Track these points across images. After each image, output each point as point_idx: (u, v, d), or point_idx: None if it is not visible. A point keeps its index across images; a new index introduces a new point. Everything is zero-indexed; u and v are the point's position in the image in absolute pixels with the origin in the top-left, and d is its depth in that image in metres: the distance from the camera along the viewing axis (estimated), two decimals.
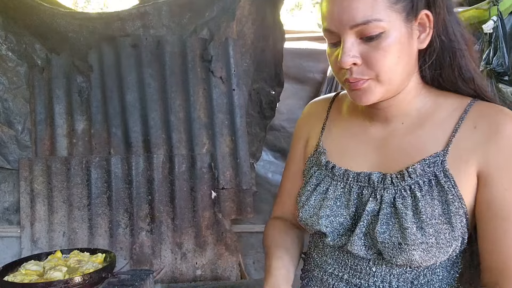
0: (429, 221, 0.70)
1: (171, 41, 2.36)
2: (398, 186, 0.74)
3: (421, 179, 0.72)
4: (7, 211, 2.48)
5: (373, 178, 0.77)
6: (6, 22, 2.36)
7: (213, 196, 2.39)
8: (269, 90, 2.51)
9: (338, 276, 0.81)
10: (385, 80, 0.71)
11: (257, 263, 2.68)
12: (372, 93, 0.72)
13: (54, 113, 2.43)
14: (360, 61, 0.70)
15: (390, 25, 0.68)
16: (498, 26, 2.13)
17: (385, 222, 0.73)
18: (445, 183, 0.71)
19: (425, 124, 0.76)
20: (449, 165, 0.72)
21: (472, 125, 0.72)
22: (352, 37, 0.69)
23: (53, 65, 2.42)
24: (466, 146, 0.72)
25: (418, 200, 0.71)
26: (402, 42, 0.69)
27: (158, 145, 2.40)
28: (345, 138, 0.86)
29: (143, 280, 1.67)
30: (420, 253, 0.70)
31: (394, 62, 0.69)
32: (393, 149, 0.78)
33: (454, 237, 0.70)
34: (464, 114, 0.73)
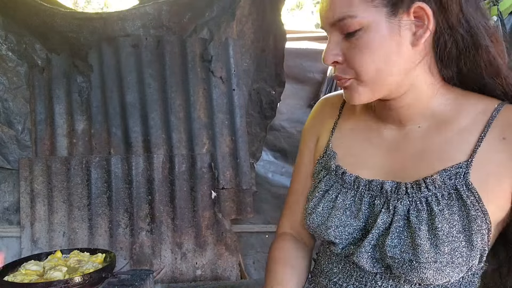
0: (446, 238, 0.62)
1: (171, 41, 2.36)
2: (413, 197, 0.66)
3: (439, 191, 0.65)
4: (7, 211, 2.48)
5: (386, 187, 0.70)
6: (6, 22, 2.36)
7: (213, 196, 2.39)
8: (270, 90, 2.50)
9: (342, 286, 0.76)
10: (366, 80, 0.66)
11: (257, 263, 2.68)
12: (358, 93, 0.68)
13: (54, 113, 2.43)
14: (341, 59, 0.67)
15: (368, 21, 0.62)
16: (498, 26, 2.13)
17: (397, 236, 0.66)
18: (468, 198, 0.63)
19: (446, 129, 0.68)
20: (473, 178, 0.64)
21: (501, 135, 0.64)
22: (335, 35, 0.66)
23: (53, 65, 2.42)
24: (494, 158, 0.64)
25: (435, 215, 0.64)
26: (383, 40, 0.63)
27: (158, 145, 2.40)
28: (357, 140, 0.79)
29: (143, 280, 1.67)
30: (433, 272, 0.63)
31: (373, 61, 0.64)
32: (409, 155, 0.71)
33: (472, 256, 0.63)
34: (491, 120, 0.65)
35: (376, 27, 0.62)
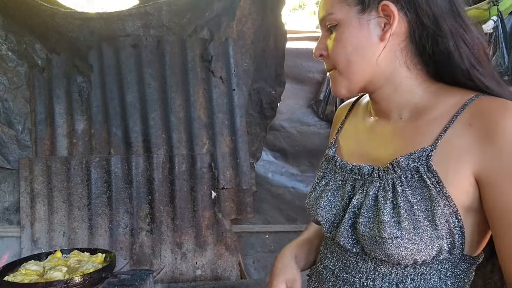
0: (407, 216, 0.67)
1: (171, 41, 2.36)
2: (383, 179, 0.72)
3: (403, 173, 0.70)
4: (7, 211, 2.48)
5: (364, 170, 0.76)
6: (6, 22, 2.36)
7: (213, 196, 2.39)
8: (270, 90, 2.50)
9: (331, 270, 0.81)
10: (342, 70, 0.75)
11: (257, 263, 2.68)
12: (338, 85, 0.77)
13: (54, 113, 2.43)
14: (325, 53, 0.76)
15: (342, 17, 0.72)
16: (498, 26, 2.13)
17: (367, 215, 0.72)
18: (429, 179, 0.67)
19: (421, 119, 0.73)
20: (436, 162, 0.68)
21: (467, 122, 0.67)
22: (324, 31, 0.77)
23: (53, 65, 2.42)
24: (458, 144, 0.67)
25: (398, 194, 0.69)
26: (353, 34, 0.72)
27: (158, 145, 2.40)
28: (354, 134, 0.88)
29: (143, 280, 1.67)
30: (395, 248, 0.67)
31: (346, 52, 0.73)
32: (386, 142, 0.78)
33: (437, 236, 0.66)
34: (461, 109, 0.68)
35: (348, 22, 0.72)
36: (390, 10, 0.69)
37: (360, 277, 0.75)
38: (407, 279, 0.71)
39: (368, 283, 0.74)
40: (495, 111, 0.65)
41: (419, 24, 0.70)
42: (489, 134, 0.64)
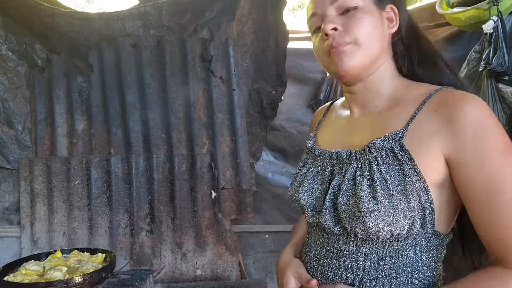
0: (383, 191, 0.74)
1: (171, 41, 2.36)
2: (360, 161, 0.81)
3: (379, 153, 0.78)
4: (7, 211, 2.48)
5: (342, 155, 0.85)
6: (6, 22, 2.36)
7: (213, 196, 2.39)
8: (270, 90, 2.50)
9: (317, 258, 0.86)
10: (362, 42, 0.81)
11: (257, 263, 2.68)
12: (353, 57, 0.81)
13: (54, 113, 2.43)
14: (340, 28, 0.82)
15: (363, 3, 0.82)
16: (498, 26, 2.13)
17: (346, 193, 0.79)
18: (402, 157, 0.76)
19: (394, 108, 0.84)
20: (407, 142, 0.77)
21: (434, 108, 0.77)
22: (332, 12, 0.83)
23: (53, 65, 2.42)
24: (427, 127, 0.76)
25: (374, 172, 0.77)
26: (373, 17, 0.82)
27: (158, 145, 2.40)
28: (332, 127, 0.98)
29: (143, 280, 1.67)
30: (373, 221, 0.73)
31: (369, 30, 0.82)
32: (362, 129, 0.86)
33: (410, 208, 0.73)
34: (428, 98, 0.79)
35: (368, 9, 0.82)
36: (395, 12, 0.86)
37: (344, 259, 0.81)
38: (387, 257, 0.77)
39: (352, 264, 0.80)
40: (457, 99, 0.75)
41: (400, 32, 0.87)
42: (453, 118, 0.74)
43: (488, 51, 2.16)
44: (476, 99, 0.75)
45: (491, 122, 0.73)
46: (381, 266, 0.77)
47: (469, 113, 0.73)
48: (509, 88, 2.14)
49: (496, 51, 2.14)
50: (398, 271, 0.77)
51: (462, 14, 2.32)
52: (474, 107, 0.73)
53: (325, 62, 0.87)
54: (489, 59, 2.15)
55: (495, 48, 2.14)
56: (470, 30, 2.47)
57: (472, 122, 0.72)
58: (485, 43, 2.20)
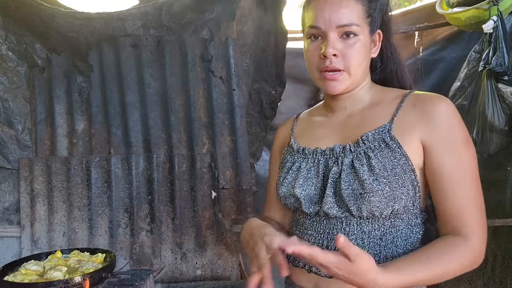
0: (382, 173, 0.88)
1: (171, 41, 2.36)
2: (355, 152, 0.93)
3: (372, 143, 0.92)
4: (7, 211, 2.48)
5: (336, 149, 0.97)
6: (6, 22, 2.36)
7: (213, 196, 2.39)
8: (270, 90, 2.50)
9: (318, 244, 0.94)
10: (353, 73, 0.95)
11: None
12: (343, 84, 0.95)
13: (54, 113, 2.43)
14: (338, 54, 0.93)
15: (362, 32, 0.94)
16: (498, 26, 2.13)
17: (347, 180, 0.91)
18: (392, 144, 0.90)
19: (375, 107, 0.99)
20: (395, 132, 0.92)
21: (412, 105, 0.94)
22: (335, 34, 0.93)
23: (53, 65, 2.42)
24: (408, 120, 0.92)
25: (371, 159, 0.90)
26: (366, 47, 0.96)
27: (158, 145, 2.40)
28: (312, 128, 1.09)
29: (143, 280, 1.67)
30: (378, 199, 0.87)
31: (360, 60, 0.95)
32: (351, 127, 0.99)
33: (404, 186, 0.88)
34: (404, 98, 0.96)
35: (364, 37, 0.95)
36: (379, 37, 1.01)
37: (350, 239, 0.89)
38: (387, 233, 0.91)
39: (358, 242, 0.91)
40: (431, 98, 0.93)
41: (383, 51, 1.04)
42: (429, 113, 0.90)
43: (488, 51, 2.17)
44: (445, 98, 0.93)
45: (458, 118, 0.91)
46: (383, 242, 0.91)
47: (442, 109, 0.90)
48: (508, 88, 2.14)
49: (496, 51, 2.14)
50: (397, 244, 0.91)
51: (462, 14, 2.33)
52: (446, 105, 0.91)
53: (314, 74, 0.99)
54: (489, 59, 2.15)
55: (495, 48, 2.14)
56: (470, 30, 2.47)
57: (445, 116, 0.89)
58: (485, 43, 2.21)
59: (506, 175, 2.37)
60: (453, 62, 2.75)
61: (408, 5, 4.39)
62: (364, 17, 0.94)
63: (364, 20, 0.94)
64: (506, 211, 2.37)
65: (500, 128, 2.18)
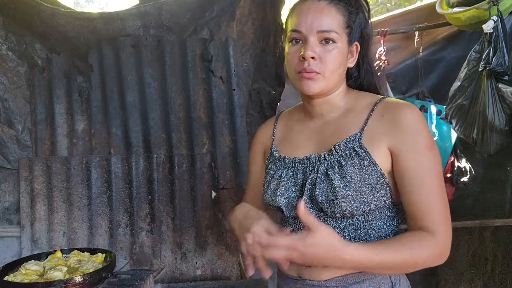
0: (351, 179, 0.96)
1: (171, 41, 2.37)
2: (329, 160, 1.01)
3: (344, 152, 1.00)
4: (7, 211, 2.48)
5: (312, 158, 1.05)
6: (6, 22, 2.36)
7: (213, 196, 2.39)
8: (270, 90, 2.50)
9: None
10: (328, 76, 1.01)
11: None
12: (317, 84, 1.01)
13: (54, 113, 2.43)
14: (317, 57, 1.00)
15: (341, 40, 1.01)
16: (498, 26, 2.13)
17: (321, 187, 0.99)
18: (361, 153, 0.99)
19: (348, 115, 1.06)
20: (364, 141, 1.00)
21: (381, 114, 1.01)
22: (315, 39, 1.00)
23: (53, 65, 2.42)
24: (377, 129, 1.00)
25: (343, 167, 0.98)
26: (343, 55, 1.03)
27: (158, 145, 2.40)
28: (292, 135, 1.16)
29: (143, 280, 1.67)
30: (348, 204, 0.96)
31: (336, 66, 1.02)
32: (326, 135, 1.07)
33: (374, 190, 0.97)
34: (375, 106, 1.04)
35: (342, 45, 1.02)
36: (357, 49, 1.08)
37: None
38: (361, 227, 1.00)
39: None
40: (398, 107, 1.01)
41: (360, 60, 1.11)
42: (396, 121, 0.98)
43: (488, 51, 2.17)
44: (411, 107, 1.00)
45: (423, 124, 0.98)
46: (358, 235, 1.00)
47: (407, 117, 0.98)
48: (509, 88, 2.14)
49: (496, 51, 2.14)
50: (371, 236, 1.00)
51: (462, 14, 2.33)
52: (411, 113, 0.98)
53: (292, 76, 1.05)
54: (489, 59, 2.15)
55: (495, 48, 2.14)
56: (470, 30, 2.47)
57: (410, 123, 0.97)
58: (485, 43, 2.21)
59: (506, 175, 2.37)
60: (453, 62, 2.75)
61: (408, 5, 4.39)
62: (344, 27, 1.01)
63: (343, 30, 1.01)
64: (506, 211, 2.37)
65: (500, 128, 2.18)
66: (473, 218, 2.56)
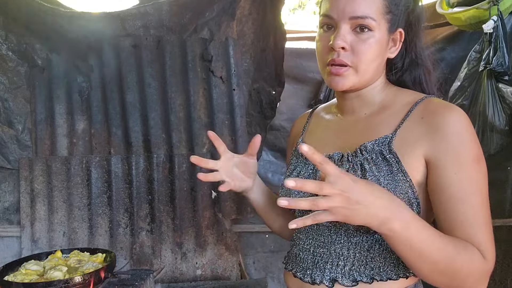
0: None
1: (171, 41, 2.37)
2: (352, 162, 0.87)
3: (370, 155, 0.85)
4: (7, 211, 2.48)
5: (334, 157, 0.90)
6: (6, 22, 2.36)
7: (213, 196, 2.39)
8: (270, 90, 2.50)
9: (307, 249, 0.91)
10: (361, 70, 0.86)
11: (257, 263, 2.68)
12: (348, 80, 0.87)
13: (54, 113, 2.43)
14: (348, 47, 0.85)
15: (379, 28, 0.85)
16: (498, 26, 2.13)
17: None
18: (390, 158, 0.83)
19: (382, 113, 0.91)
20: (396, 146, 0.84)
21: (420, 116, 0.85)
22: (347, 27, 0.85)
23: (53, 65, 2.42)
24: (413, 132, 0.84)
25: (365, 171, 0.83)
26: (381, 45, 0.87)
27: (158, 145, 2.40)
28: (320, 131, 1.04)
29: (143, 280, 1.67)
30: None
31: (372, 58, 0.86)
32: (354, 134, 0.93)
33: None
34: (414, 106, 0.87)
35: (380, 34, 0.86)
36: (401, 36, 0.90)
37: (336, 248, 0.86)
38: (376, 244, 0.84)
39: (343, 252, 0.85)
40: (442, 109, 0.84)
41: (406, 52, 0.94)
42: (437, 126, 0.82)
43: (488, 51, 2.16)
44: (459, 110, 0.83)
45: (471, 133, 0.81)
46: (371, 253, 0.84)
47: (452, 123, 0.81)
48: (509, 88, 2.14)
49: (496, 51, 2.14)
50: (386, 256, 0.83)
51: (462, 14, 2.32)
52: (457, 118, 0.81)
53: (321, 67, 0.92)
54: (489, 59, 2.15)
55: (495, 48, 2.14)
56: (470, 30, 2.47)
57: (455, 131, 0.80)
58: (485, 43, 2.20)
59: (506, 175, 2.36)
60: (453, 62, 2.75)
61: None
62: (383, 12, 0.85)
63: (383, 16, 0.85)
64: (506, 211, 2.36)
65: (501, 128, 2.17)
66: None
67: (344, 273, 0.84)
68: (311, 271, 0.88)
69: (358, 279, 0.83)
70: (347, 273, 0.84)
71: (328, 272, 0.86)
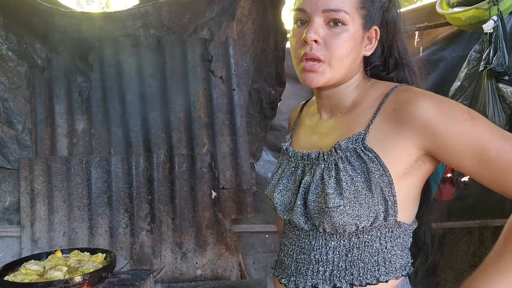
0: (348, 187, 0.80)
1: (171, 41, 2.37)
2: (327, 161, 0.86)
3: (344, 153, 0.84)
4: (7, 211, 2.48)
5: (312, 155, 0.90)
6: (6, 22, 2.36)
7: (213, 196, 2.39)
8: (270, 89, 2.50)
9: (291, 255, 0.92)
10: (335, 65, 0.85)
11: (257, 263, 2.68)
12: (321, 76, 0.85)
13: (54, 113, 2.43)
14: (321, 41, 0.83)
15: (352, 22, 0.84)
16: (498, 26, 2.13)
17: (315, 191, 0.84)
18: (365, 156, 0.81)
19: (356, 110, 0.90)
20: (370, 141, 0.83)
21: (392, 107, 0.83)
22: (320, 20, 0.83)
23: (53, 65, 2.42)
24: (388, 125, 0.82)
25: (339, 170, 0.82)
26: (355, 41, 0.85)
27: (158, 145, 2.40)
28: (303, 130, 1.03)
29: (143, 280, 1.67)
30: (339, 215, 0.79)
31: (345, 53, 0.84)
32: (329, 132, 0.93)
33: (373, 203, 0.80)
34: (384, 99, 0.85)
35: (354, 29, 0.84)
36: (376, 34, 0.90)
37: (315, 254, 0.86)
38: (354, 249, 0.83)
39: (322, 257, 0.85)
40: (413, 97, 0.81)
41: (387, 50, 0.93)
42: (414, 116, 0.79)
43: (488, 51, 2.16)
44: (425, 94, 0.81)
45: (446, 103, 0.80)
46: (349, 258, 0.84)
47: (424, 109, 0.78)
48: (509, 88, 2.14)
49: (496, 51, 2.14)
50: (365, 261, 0.83)
51: (462, 14, 2.32)
52: (429, 101, 0.79)
53: (295, 63, 0.90)
54: (489, 59, 2.15)
55: (495, 48, 2.14)
56: (470, 30, 2.46)
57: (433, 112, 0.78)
58: (485, 43, 2.20)
59: None
60: (453, 62, 2.75)
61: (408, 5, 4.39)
62: (357, 7, 0.84)
63: (357, 11, 0.84)
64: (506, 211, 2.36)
65: None
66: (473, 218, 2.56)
67: (324, 278, 0.85)
68: (294, 277, 0.89)
69: (338, 284, 0.83)
70: (327, 279, 0.84)
71: (310, 278, 0.86)
